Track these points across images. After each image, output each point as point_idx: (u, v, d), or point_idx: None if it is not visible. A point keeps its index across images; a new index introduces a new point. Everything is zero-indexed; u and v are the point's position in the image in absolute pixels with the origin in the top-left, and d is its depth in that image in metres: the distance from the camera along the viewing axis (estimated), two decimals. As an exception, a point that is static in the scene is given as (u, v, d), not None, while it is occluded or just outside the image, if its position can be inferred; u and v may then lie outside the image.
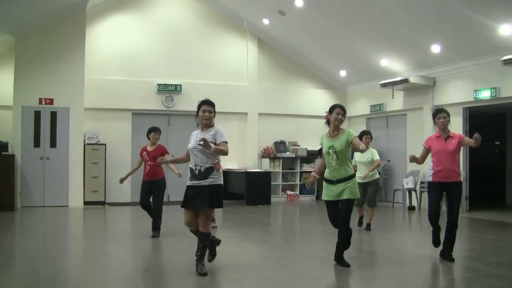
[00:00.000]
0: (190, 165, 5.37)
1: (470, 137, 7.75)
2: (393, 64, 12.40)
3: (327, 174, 5.77)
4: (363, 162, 8.35)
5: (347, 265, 5.67)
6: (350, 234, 5.80)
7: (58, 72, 11.85)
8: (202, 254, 5.38)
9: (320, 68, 14.69)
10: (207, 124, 5.43)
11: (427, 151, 6.25)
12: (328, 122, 5.79)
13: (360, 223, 8.76)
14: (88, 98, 12.14)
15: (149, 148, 8.00)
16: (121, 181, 7.88)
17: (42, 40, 11.80)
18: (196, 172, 5.28)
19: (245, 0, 13.23)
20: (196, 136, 5.42)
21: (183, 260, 6.18)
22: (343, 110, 5.73)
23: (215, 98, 15.29)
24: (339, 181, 5.64)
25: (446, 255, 6.03)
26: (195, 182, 5.28)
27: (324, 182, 5.81)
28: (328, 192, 5.76)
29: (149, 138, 8.06)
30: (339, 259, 5.76)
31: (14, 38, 11.64)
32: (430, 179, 6.19)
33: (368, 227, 8.44)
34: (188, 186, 5.33)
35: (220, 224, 9.22)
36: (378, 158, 8.38)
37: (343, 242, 5.75)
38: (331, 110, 5.74)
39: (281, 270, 5.74)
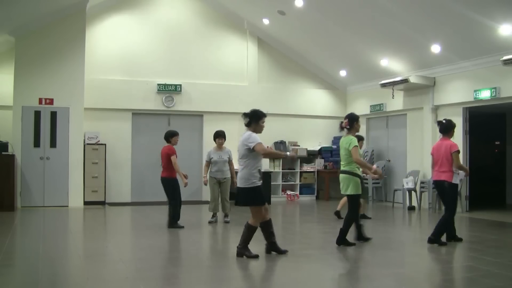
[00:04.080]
0: (258, 167, 6.00)
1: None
2: (393, 64, 12.40)
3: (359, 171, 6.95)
4: None
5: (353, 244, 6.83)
6: None
7: (58, 72, 11.84)
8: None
9: (320, 68, 14.69)
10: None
11: None
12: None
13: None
14: (88, 98, 12.13)
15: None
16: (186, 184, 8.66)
17: (42, 40, 11.79)
18: (260, 174, 6.04)
19: (245, 0, 13.22)
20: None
21: (183, 259, 6.19)
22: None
23: (215, 98, 15.37)
24: None
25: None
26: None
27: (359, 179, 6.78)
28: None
29: (171, 142, 8.84)
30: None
31: (14, 38, 11.62)
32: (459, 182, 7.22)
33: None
34: (260, 186, 5.98)
35: (220, 223, 9.22)
36: None
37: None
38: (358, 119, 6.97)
39: (281, 270, 5.74)
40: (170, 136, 8.83)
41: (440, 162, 7.02)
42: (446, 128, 7.19)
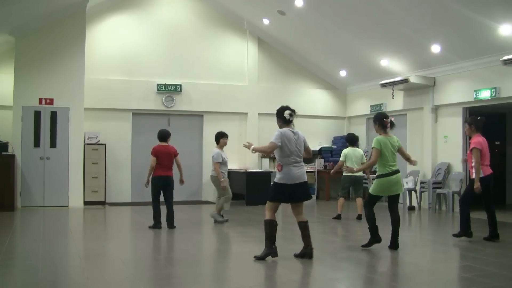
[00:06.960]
0: None
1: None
2: (393, 64, 12.40)
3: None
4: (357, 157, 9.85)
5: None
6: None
7: (58, 72, 11.84)
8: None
9: (320, 68, 14.69)
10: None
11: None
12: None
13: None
14: (88, 98, 12.13)
15: None
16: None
17: (42, 40, 11.79)
18: None
19: (245, 0, 13.22)
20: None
21: (183, 259, 6.19)
22: None
23: (215, 98, 15.35)
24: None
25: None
26: None
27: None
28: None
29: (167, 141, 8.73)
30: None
31: (14, 38, 11.63)
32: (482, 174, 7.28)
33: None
34: None
35: (220, 224, 9.20)
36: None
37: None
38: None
39: (281, 270, 5.73)
40: (169, 135, 8.77)
41: (487, 156, 7.40)
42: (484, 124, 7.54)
